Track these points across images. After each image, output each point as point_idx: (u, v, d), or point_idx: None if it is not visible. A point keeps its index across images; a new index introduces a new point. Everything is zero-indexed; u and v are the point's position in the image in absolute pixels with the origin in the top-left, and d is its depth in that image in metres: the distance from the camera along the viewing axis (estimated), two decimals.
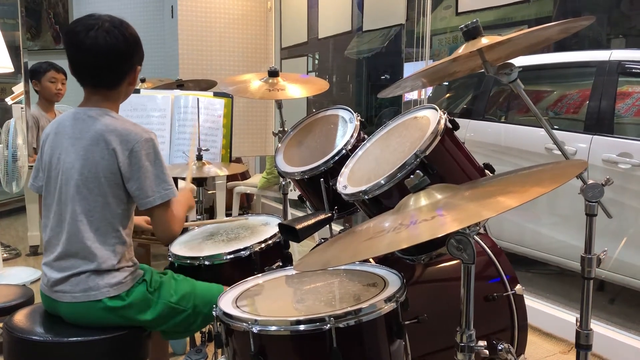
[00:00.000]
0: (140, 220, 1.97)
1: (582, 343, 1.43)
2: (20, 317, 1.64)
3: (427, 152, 1.39)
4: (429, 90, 4.41)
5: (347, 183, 1.58)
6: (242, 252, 1.83)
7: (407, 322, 1.35)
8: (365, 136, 1.82)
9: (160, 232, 1.65)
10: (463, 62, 1.48)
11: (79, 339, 1.53)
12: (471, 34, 1.37)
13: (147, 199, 1.57)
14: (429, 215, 1.04)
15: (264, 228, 2.05)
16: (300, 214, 2.75)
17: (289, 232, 1.75)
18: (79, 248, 1.55)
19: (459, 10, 3.13)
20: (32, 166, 2.29)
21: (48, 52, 6.23)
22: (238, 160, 4.58)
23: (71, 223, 1.56)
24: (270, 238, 1.89)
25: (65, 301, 1.56)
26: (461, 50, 1.37)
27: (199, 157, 2.31)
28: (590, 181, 1.36)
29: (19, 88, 4.06)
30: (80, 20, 1.58)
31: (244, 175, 4.86)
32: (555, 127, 3.36)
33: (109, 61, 1.58)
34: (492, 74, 1.36)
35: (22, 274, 3.61)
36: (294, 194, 2.18)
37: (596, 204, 1.37)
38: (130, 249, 1.64)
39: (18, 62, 3.91)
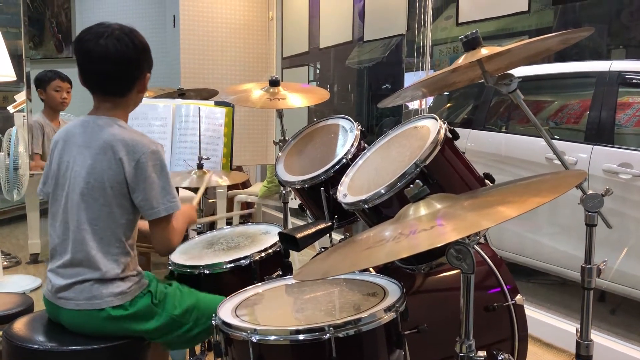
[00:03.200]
0: (144, 224, 1.98)
1: (583, 354, 1.42)
2: (19, 326, 1.64)
3: (427, 162, 1.40)
4: (430, 100, 4.42)
5: (347, 192, 1.59)
6: (242, 261, 1.83)
7: (407, 332, 1.35)
8: (366, 145, 1.82)
9: (158, 244, 1.64)
10: (463, 72, 1.49)
11: (79, 347, 1.53)
12: (471, 44, 1.37)
13: (152, 210, 1.57)
14: (428, 225, 1.04)
15: (264, 237, 2.05)
16: (300, 222, 2.75)
17: (289, 241, 1.74)
18: (83, 257, 1.55)
19: (460, 21, 3.14)
20: (33, 174, 2.29)
21: (50, 61, 6.26)
22: (239, 169, 4.59)
23: (76, 232, 1.56)
24: (271, 247, 1.90)
25: (69, 308, 1.56)
26: (461, 60, 1.37)
27: (200, 166, 2.32)
28: (590, 191, 1.36)
29: (21, 96, 4.08)
30: (91, 29, 1.59)
31: (245, 184, 4.87)
32: (556, 137, 3.36)
33: (118, 69, 1.59)
34: (491, 84, 1.37)
35: (22, 282, 3.61)
36: (294, 202, 2.19)
37: (596, 214, 1.37)
38: (134, 258, 1.64)
39: (20, 71, 3.93)
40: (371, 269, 1.64)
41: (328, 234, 1.89)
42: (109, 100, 1.63)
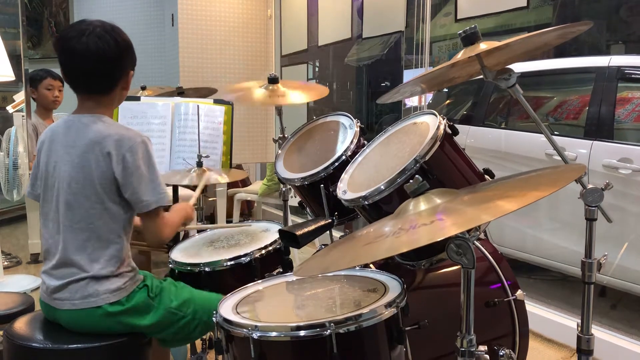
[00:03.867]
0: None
1: (584, 348, 1.42)
2: (20, 325, 1.64)
3: (427, 157, 1.39)
4: (429, 96, 4.42)
5: (347, 189, 1.59)
6: (242, 259, 1.83)
7: (407, 328, 1.35)
8: (365, 142, 1.82)
9: (149, 236, 1.65)
10: (462, 67, 1.49)
11: (79, 345, 1.53)
12: (470, 39, 1.37)
13: (141, 203, 1.57)
14: (428, 220, 1.04)
15: (265, 234, 2.05)
16: (300, 220, 2.75)
17: (289, 239, 1.74)
18: (77, 256, 1.55)
19: (458, 17, 3.14)
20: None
21: (49, 61, 6.25)
22: (239, 167, 4.59)
23: (69, 231, 1.56)
24: (271, 244, 1.90)
25: (65, 308, 1.56)
26: (460, 55, 1.37)
27: (200, 164, 2.31)
28: (590, 186, 1.36)
29: (20, 96, 4.08)
30: (72, 27, 1.58)
31: (245, 182, 4.86)
32: (556, 133, 3.36)
33: (100, 66, 1.58)
34: (490, 79, 1.37)
35: (22, 282, 3.61)
36: (294, 200, 2.19)
37: (596, 209, 1.37)
38: (128, 254, 1.64)
39: (19, 71, 3.93)
40: (371, 265, 1.64)
41: (328, 231, 1.89)
42: (93, 98, 1.62)
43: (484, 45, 1.34)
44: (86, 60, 1.56)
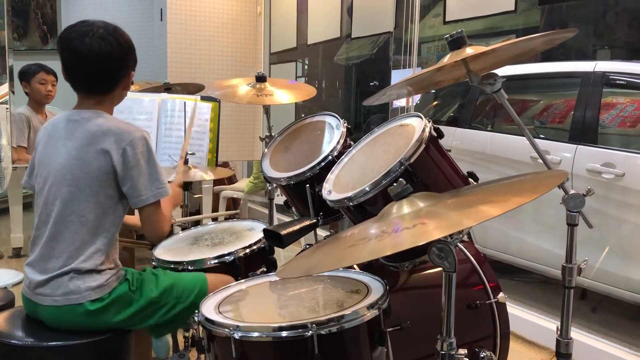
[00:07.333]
0: (135, 219, 1.98)
1: (562, 352, 1.44)
2: (0, 321, 1.62)
3: (412, 160, 1.40)
4: (417, 98, 4.43)
5: (332, 189, 1.59)
6: (226, 257, 1.83)
7: (389, 329, 1.35)
8: (352, 143, 1.82)
9: (149, 231, 1.67)
10: (448, 71, 1.49)
11: (60, 343, 1.52)
12: (456, 43, 1.38)
13: (140, 197, 1.58)
14: (411, 223, 1.05)
15: (249, 233, 2.05)
16: (286, 219, 2.75)
17: (273, 238, 1.74)
18: (63, 247, 1.55)
19: (447, 19, 3.15)
20: (16, 167, 2.22)
21: (35, 53, 6.17)
22: (225, 165, 4.57)
23: (58, 222, 1.56)
24: (255, 243, 1.89)
25: (46, 304, 1.55)
26: (446, 59, 1.38)
27: (185, 161, 2.31)
28: (572, 191, 1.37)
29: (4, 89, 4.03)
30: (74, 27, 1.58)
31: (231, 180, 4.85)
32: (541, 136, 3.39)
33: (103, 68, 1.59)
34: (476, 83, 1.38)
35: (3, 277, 3.56)
36: (280, 199, 2.19)
37: (577, 214, 1.38)
38: (115, 251, 1.64)
39: (3, 63, 3.88)
40: (355, 266, 1.64)
41: (313, 231, 1.89)
42: (93, 97, 1.64)
43: (470, 50, 1.35)
44: (89, 62, 1.57)
